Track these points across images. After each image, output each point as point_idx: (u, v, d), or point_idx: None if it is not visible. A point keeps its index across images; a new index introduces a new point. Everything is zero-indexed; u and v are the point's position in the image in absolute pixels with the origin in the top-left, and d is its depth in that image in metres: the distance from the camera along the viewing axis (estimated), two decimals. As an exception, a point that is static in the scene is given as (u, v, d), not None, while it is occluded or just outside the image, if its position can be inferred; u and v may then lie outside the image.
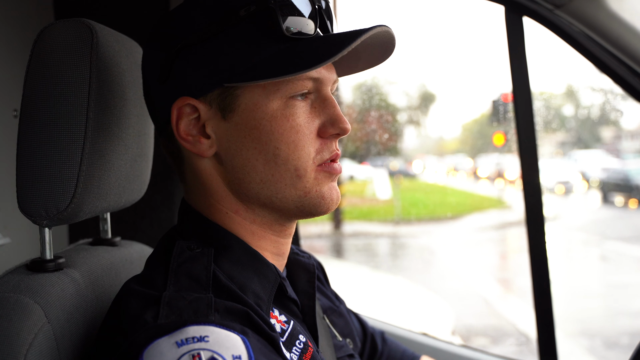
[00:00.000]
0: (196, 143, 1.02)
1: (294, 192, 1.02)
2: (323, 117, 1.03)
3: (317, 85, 1.03)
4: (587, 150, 21.90)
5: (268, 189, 1.02)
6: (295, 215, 1.06)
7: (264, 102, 0.99)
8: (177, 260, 0.98)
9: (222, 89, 1.00)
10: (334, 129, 1.03)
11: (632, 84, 1.72)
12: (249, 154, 1.00)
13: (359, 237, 14.15)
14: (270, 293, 1.03)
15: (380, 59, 1.11)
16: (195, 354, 0.80)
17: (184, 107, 1.01)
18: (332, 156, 1.04)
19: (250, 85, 0.98)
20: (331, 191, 1.05)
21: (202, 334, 0.83)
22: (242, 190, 1.03)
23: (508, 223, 15.08)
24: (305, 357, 1.03)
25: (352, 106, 12.34)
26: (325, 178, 1.04)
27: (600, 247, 12.05)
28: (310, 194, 1.02)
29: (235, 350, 0.83)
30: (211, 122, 1.01)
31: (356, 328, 1.43)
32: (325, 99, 1.04)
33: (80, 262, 1.14)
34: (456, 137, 29.52)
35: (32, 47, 1.03)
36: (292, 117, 1.00)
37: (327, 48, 0.96)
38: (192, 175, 1.07)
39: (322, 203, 1.04)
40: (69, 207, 1.02)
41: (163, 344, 0.82)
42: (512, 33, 1.92)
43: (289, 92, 0.99)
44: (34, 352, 0.91)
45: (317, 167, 1.03)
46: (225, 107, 1.00)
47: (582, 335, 7.21)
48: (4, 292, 0.95)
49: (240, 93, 0.99)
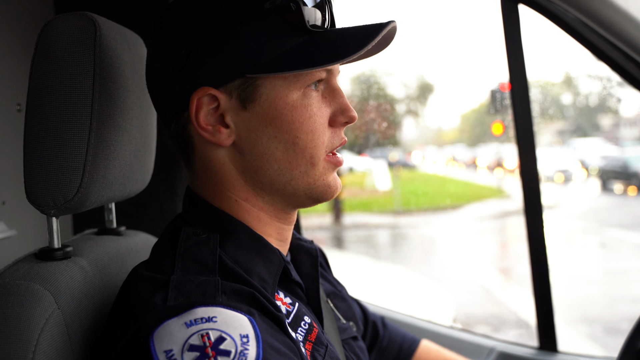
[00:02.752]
0: (216, 133, 1.04)
1: (306, 179, 1.06)
2: (333, 106, 1.08)
3: (328, 76, 1.07)
4: (586, 139, 21.91)
5: (284, 176, 1.05)
6: (302, 203, 1.10)
7: (285, 93, 1.02)
8: (183, 246, 1.00)
9: (243, 80, 1.02)
10: (343, 118, 1.08)
11: (627, 70, 1.74)
12: (269, 143, 1.03)
13: (359, 228, 14.18)
14: (275, 276, 1.06)
15: (380, 48, 1.14)
16: (204, 333, 0.83)
17: (204, 97, 1.02)
18: (341, 142, 1.10)
19: (272, 76, 1.01)
20: (335, 181, 1.10)
21: (210, 314, 0.86)
22: (258, 178, 1.06)
23: (508, 212, 15.11)
24: (311, 337, 1.06)
25: (350, 97, 12.34)
26: (331, 169, 1.09)
27: (599, 235, 12.10)
28: (319, 182, 1.07)
29: (242, 330, 0.86)
30: (231, 112, 1.03)
31: (358, 313, 1.46)
32: (334, 88, 1.08)
33: (88, 250, 1.17)
34: (455, 127, 29.55)
35: (37, 40, 1.05)
36: (310, 107, 1.04)
37: (349, 42, 1.00)
38: (203, 164, 1.09)
39: (328, 191, 1.09)
40: (75, 196, 1.04)
41: (172, 325, 0.85)
42: (508, 21, 1.93)
43: (307, 82, 1.03)
44: (46, 337, 0.94)
45: (326, 156, 1.07)
46: (246, 97, 1.02)
47: (583, 322, 7.25)
48: (15, 280, 0.98)
49: (261, 83, 1.02)
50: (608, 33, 1.56)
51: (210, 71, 1.02)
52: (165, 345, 0.83)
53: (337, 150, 1.12)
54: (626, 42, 1.55)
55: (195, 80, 1.02)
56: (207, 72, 1.02)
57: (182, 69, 1.03)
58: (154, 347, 0.84)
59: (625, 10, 1.49)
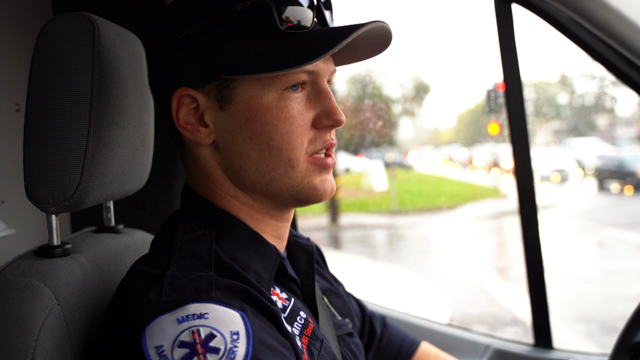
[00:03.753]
0: (195, 132, 1.06)
1: (287, 181, 1.05)
2: (318, 108, 1.07)
3: (313, 78, 1.07)
4: (583, 138, 21.95)
5: (263, 178, 1.06)
6: (291, 203, 1.10)
7: (259, 94, 1.03)
8: (180, 241, 1.02)
9: (220, 81, 1.03)
10: (328, 121, 1.06)
11: (621, 69, 1.75)
12: (244, 144, 1.04)
13: (356, 229, 14.19)
14: (271, 272, 1.07)
15: (379, 50, 1.14)
16: (195, 330, 0.85)
17: (184, 97, 1.05)
18: (325, 145, 1.08)
19: (246, 77, 1.02)
20: (324, 183, 1.08)
21: (202, 311, 0.87)
22: (239, 178, 1.08)
23: (504, 212, 15.12)
24: (307, 331, 1.07)
25: (346, 98, 12.34)
26: (317, 171, 1.07)
27: (596, 234, 12.12)
28: (302, 185, 1.06)
29: (233, 327, 0.87)
30: (209, 112, 1.05)
31: (355, 310, 1.47)
32: (321, 91, 1.07)
33: (86, 248, 1.18)
34: (451, 127, 29.55)
35: (36, 40, 1.07)
36: (286, 109, 1.03)
37: (321, 43, 0.99)
38: (193, 161, 1.11)
39: (314, 194, 1.08)
40: (75, 194, 1.05)
41: (165, 320, 0.87)
42: (502, 20, 1.95)
43: (284, 84, 1.03)
44: (46, 332, 0.95)
45: (309, 157, 1.06)
46: (222, 98, 1.04)
47: (580, 321, 7.27)
48: (15, 276, 0.99)
49: (237, 85, 1.03)
50: (601, 32, 1.57)
51: (190, 72, 1.04)
52: (157, 341, 0.85)
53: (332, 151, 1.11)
54: (619, 40, 1.56)
55: (176, 81, 1.06)
56: (187, 72, 1.05)
57: (167, 69, 1.06)
58: (145, 342, 0.85)
59: (618, 9, 1.51)
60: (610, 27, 1.53)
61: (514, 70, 1.99)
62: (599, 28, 1.55)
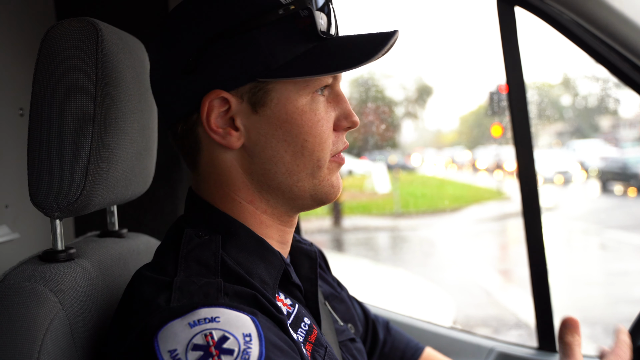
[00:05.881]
0: (226, 135, 1.05)
1: (312, 181, 1.08)
2: (337, 111, 1.10)
3: (333, 81, 1.10)
4: (586, 140, 21.89)
5: (291, 179, 1.07)
6: (307, 205, 1.12)
7: (295, 97, 1.04)
8: (186, 247, 1.02)
9: (255, 83, 1.03)
10: (346, 123, 1.10)
11: (624, 71, 1.75)
12: (278, 146, 1.05)
13: (359, 231, 14.17)
14: (275, 278, 1.07)
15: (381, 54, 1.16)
16: (208, 333, 0.85)
17: (215, 100, 1.04)
18: (345, 146, 1.13)
19: (283, 81, 1.03)
20: (338, 180, 1.13)
21: (214, 315, 0.88)
22: (265, 181, 1.08)
23: (507, 214, 15.10)
24: (311, 338, 1.08)
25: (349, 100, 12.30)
26: (335, 168, 1.11)
27: (600, 236, 12.09)
28: (324, 183, 1.09)
29: (245, 329, 0.87)
30: (241, 115, 1.05)
31: (358, 314, 1.47)
32: (338, 94, 1.11)
33: (90, 252, 1.18)
34: (454, 129, 29.51)
35: (40, 46, 1.07)
36: (317, 111, 1.06)
37: (360, 50, 1.03)
38: (209, 166, 1.10)
39: (332, 191, 1.11)
40: (79, 199, 1.06)
41: (176, 325, 0.87)
42: (505, 23, 1.95)
43: (315, 87, 1.05)
44: (50, 337, 0.95)
45: (332, 157, 1.10)
46: (256, 101, 1.04)
47: (583, 323, 7.10)
48: (19, 281, 0.99)
49: (272, 88, 1.04)
50: (603, 34, 1.57)
51: (222, 74, 1.03)
52: (170, 345, 0.85)
53: None
54: (621, 43, 1.56)
55: (206, 83, 1.04)
56: (218, 75, 1.03)
57: (191, 72, 1.04)
58: (158, 347, 0.85)
59: (620, 11, 1.51)
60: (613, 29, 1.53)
61: (517, 72, 1.99)
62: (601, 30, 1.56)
